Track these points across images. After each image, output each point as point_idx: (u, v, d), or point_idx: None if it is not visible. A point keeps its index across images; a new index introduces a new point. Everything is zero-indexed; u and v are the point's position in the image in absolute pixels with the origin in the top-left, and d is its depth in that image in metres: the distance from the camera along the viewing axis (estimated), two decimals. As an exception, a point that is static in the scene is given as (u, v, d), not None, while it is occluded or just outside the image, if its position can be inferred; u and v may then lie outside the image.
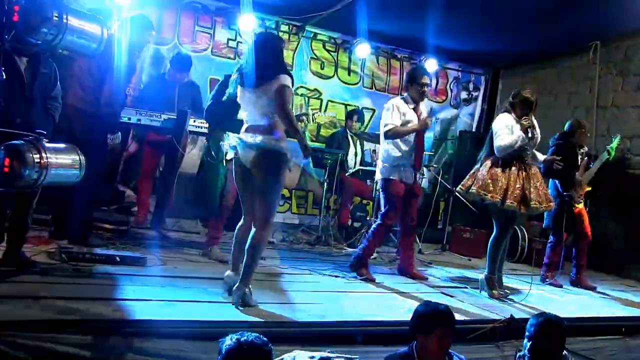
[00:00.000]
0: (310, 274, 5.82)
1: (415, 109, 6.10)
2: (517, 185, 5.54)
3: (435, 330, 3.30)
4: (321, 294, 5.05)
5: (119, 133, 5.63)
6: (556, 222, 6.70)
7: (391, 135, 5.97)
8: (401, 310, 4.79)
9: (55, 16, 3.49)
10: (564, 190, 6.66)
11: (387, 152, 6.07)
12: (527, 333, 3.57)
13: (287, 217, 9.20)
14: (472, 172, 5.86)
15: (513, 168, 5.60)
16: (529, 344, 3.53)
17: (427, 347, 3.30)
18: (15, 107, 4.12)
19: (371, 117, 9.77)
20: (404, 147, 6.02)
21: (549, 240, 6.99)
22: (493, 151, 5.71)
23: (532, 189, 5.58)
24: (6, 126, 3.86)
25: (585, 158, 6.94)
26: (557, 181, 6.73)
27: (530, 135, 5.58)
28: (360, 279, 5.84)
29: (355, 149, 8.46)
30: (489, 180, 5.59)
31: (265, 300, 4.56)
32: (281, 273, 5.67)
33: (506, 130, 5.60)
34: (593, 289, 6.76)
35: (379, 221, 6.09)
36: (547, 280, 6.78)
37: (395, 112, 6.01)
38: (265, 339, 2.61)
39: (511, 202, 5.50)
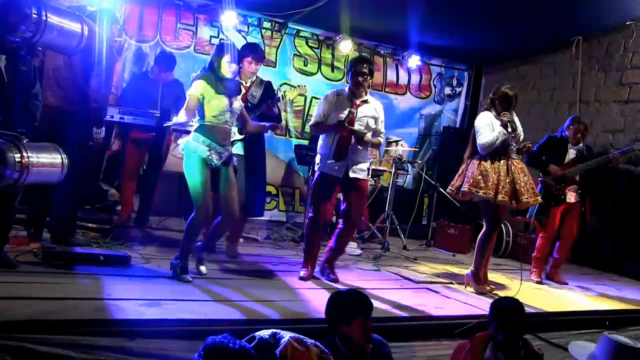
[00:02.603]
0: (294, 270, 5.79)
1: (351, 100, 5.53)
2: (507, 180, 5.56)
3: (356, 319, 3.30)
4: (306, 291, 5.04)
5: (104, 128, 5.60)
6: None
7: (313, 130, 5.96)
8: (385, 306, 4.80)
9: (34, 13, 3.46)
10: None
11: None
12: (491, 321, 3.61)
13: (275, 214, 9.16)
14: (459, 172, 5.87)
15: (501, 162, 5.62)
16: (495, 330, 3.56)
17: (351, 337, 3.30)
18: None
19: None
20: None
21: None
22: (477, 149, 5.73)
23: (522, 184, 5.61)
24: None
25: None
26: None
27: (510, 129, 5.58)
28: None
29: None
30: (480, 177, 5.60)
31: (249, 297, 4.55)
32: (265, 270, 5.65)
33: (487, 128, 5.63)
34: (565, 284, 6.79)
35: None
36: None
37: (322, 103, 5.64)
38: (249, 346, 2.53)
39: (502, 197, 5.52)
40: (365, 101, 5.55)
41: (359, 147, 5.46)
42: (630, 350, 3.24)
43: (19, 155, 3.65)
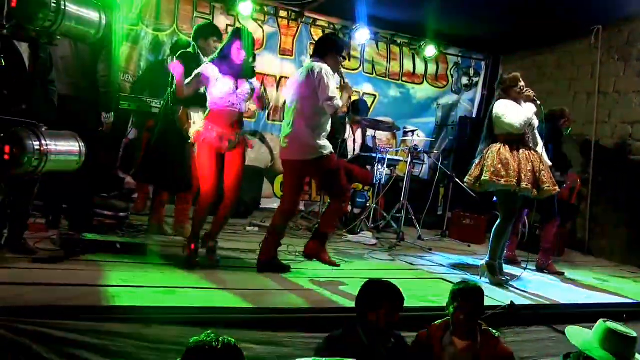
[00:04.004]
0: (308, 260, 5.79)
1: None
2: (529, 168, 5.50)
3: (383, 306, 3.37)
4: (319, 280, 5.05)
5: (112, 112, 5.63)
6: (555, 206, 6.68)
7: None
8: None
9: (53, 2, 3.46)
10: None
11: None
12: (450, 304, 3.67)
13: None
14: (476, 162, 5.79)
15: (520, 151, 5.57)
16: (454, 312, 3.61)
17: (376, 324, 3.38)
18: (19, 93, 4.10)
19: (373, 102, 9.76)
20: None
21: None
22: (494, 139, 5.69)
23: (543, 172, 5.56)
24: (11, 113, 3.87)
25: None
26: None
27: (539, 102, 5.63)
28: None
29: (354, 135, 8.43)
30: (500, 165, 5.52)
31: (263, 286, 4.56)
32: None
33: (511, 110, 5.59)
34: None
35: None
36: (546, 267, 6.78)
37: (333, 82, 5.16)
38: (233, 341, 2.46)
39: (526, 185, 5.46)
40: None
41: None
42: (622, 336, 3.21)
43: (37, 143, 3.68)
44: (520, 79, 5.74)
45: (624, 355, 3.15)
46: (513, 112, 5.58)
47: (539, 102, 5.61)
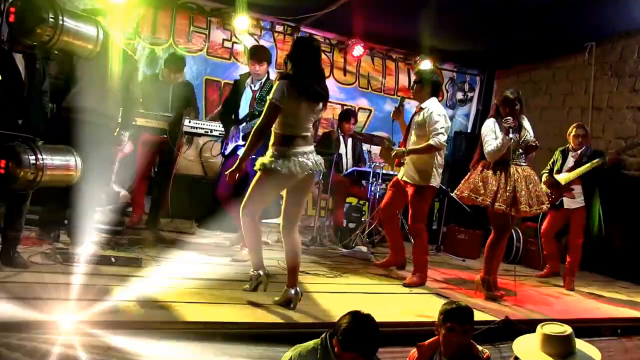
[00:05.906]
0: (305, 274, 5.79)
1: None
2: (508, 188, 5.51)
3: (351, 352, 3.18)
4: (316, 295, 5.05)
5: (129, 132, 5.67)
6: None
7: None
8: (395, 311, 4.80)
9: (51, 18, 3.49)
10: None
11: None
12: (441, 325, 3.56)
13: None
14: (466, 177, 5.87)
15: (504, 170, 5.60)
16: (445, 334, 3.52)
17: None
18: (17, 107, 4.11)
19: (368, 117, 9.79)
20: None
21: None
22: (484, 155, 5.71)
23: (522, 192, 5.56)
24: (8, 127, 3.87)
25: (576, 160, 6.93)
26: None
27: (511, 135, 5.49)
28: None
29: (346, 149, 8.45)
30: (480, 183, 5.60)
31: (258, 301, 4.56)
32: (276, 274, 5.65)
33: (491, 135, 5.61)
34: (571, 289, 6.77)
35: None
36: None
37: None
38: None
39: (499, 205, 5.49)
40: (421, 109, 6.20)
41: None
42: (556, 337, 3.40)
43: (33, 157, 3.69)
44: (513, 103, 5.59)
45: (561, 355, 3.33)
46: (489, 140, 5.62)
47: (510, 136, 5.47)
